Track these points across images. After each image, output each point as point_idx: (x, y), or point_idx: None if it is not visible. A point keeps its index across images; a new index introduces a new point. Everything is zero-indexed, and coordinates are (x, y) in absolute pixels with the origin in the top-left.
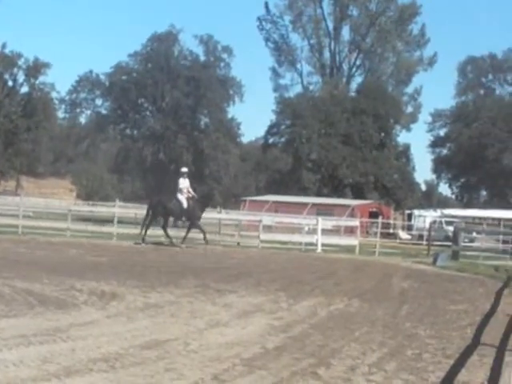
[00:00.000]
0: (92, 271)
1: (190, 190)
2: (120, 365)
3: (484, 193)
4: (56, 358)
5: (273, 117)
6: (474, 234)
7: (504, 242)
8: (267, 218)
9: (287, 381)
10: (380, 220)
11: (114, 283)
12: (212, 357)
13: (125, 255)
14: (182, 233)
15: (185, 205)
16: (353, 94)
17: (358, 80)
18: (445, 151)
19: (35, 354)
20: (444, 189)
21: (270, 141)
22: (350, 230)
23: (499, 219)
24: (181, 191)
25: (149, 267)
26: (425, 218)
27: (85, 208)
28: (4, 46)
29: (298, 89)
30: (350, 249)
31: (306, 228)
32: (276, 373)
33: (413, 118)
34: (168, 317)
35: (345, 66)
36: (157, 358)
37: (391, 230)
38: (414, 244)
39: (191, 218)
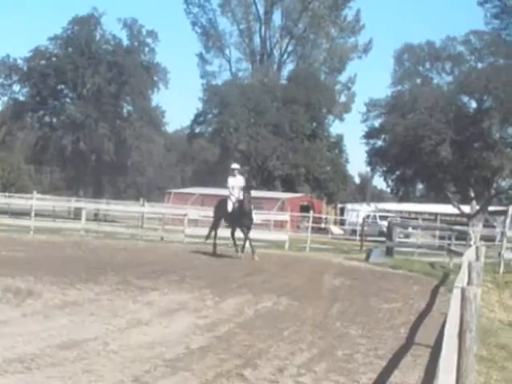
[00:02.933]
0: (7, 267)
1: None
2: (36, 366)
3: (420, 186)
4: None
5: (199, 105)
6: (410, 230)
7: (440, 237)
8: (193, 212)
9: (212, 382)
10: (311, 214)
11: (31, 279)
12: (133, 357)
13: (42, 250)
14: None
15: (247, 207)
16: (284, 81)
17: (289, 67)
18: (380, 143)
19: None
20: (379, 182)
21: (197, 130)
22: (280, 225)
23: (436, 214)
24: (231, 193)
25: (67, 263)
26: (358, 212)
27: (1, 200)
28: None
29: (227, 76)
30: (279, 244)
31: None
32: (200, 374)
33: (346, 107)
34: (87, 315)
35: (276, 53)
36: (75, 358)
37: (323, 225)
38: (346, 239)
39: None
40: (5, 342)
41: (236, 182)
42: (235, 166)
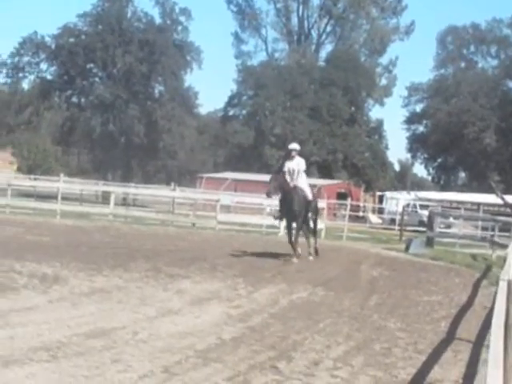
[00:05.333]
0: (33, 252)
1: (302, 177)
2: (62, 354)
3: (463, 175)
4: None
5: (234, 86)
6: (451, 220)
7: (483, 228)
8: (225, 198)
9: (244, 375)
10: (349, 202)
11: (57, 265)
12: (163, 347)
13: (69, 235)
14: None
15: (309, 196)
16: (322, 63)
17: (327, 48)
18: (421, 128)
19: None
20: (419, 169)
21: (231, 113)
22: None
23: (478, 204)
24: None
25: (95, 248)
26: (397, 200)
27: (26, 183)
28: None
29: (262, 56)
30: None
31: (268, 209)
32: (232, 366)
33: (387, 91)
34: (115, 303)
35: (314, 33)
36: (102, 347)
37: (361, 213)
38: (385, 229)
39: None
40: (30, 329)
41: (294, 165)
42: (294, 145)
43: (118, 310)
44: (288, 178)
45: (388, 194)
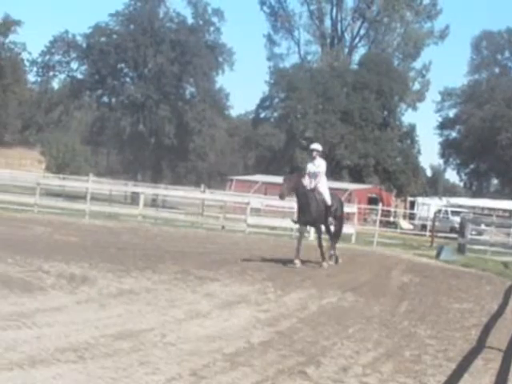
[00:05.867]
0: (61, 252)
1: (322, 179)
2: (90, 356)
3: (495, 181)
4: (20, 346)
5: (266, 89)
6: (483, 227)
7: None
8: (256, 200)
9: (273, 379)
10: (380, 207)
11: (85, 266)
12: (191, 350)
13: (97, 235)
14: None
15: (328, 200)
16: (355, 66)
17: (361, 51)
18: (454, 134)
19: None
20: (451, 175)
21: (262, 115)
22: (347, 217)
23: (510, 211)
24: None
25: (124, 249)
26: (429, 206)
27: (55, 182)
28: None
29: (295, 59)
30: (345, 237)
31: None
32: (261, 370)
33: (420, 96)
34: (144, 305)
35: (347, 36)
36: (130, 349)
37: (392, 219)
38: (416, 235)
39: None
40: (58, 329)
41: (315, 166)
42: (315, 146)
43: (146, 312)
44: (307, 179)
45: (419, 199)
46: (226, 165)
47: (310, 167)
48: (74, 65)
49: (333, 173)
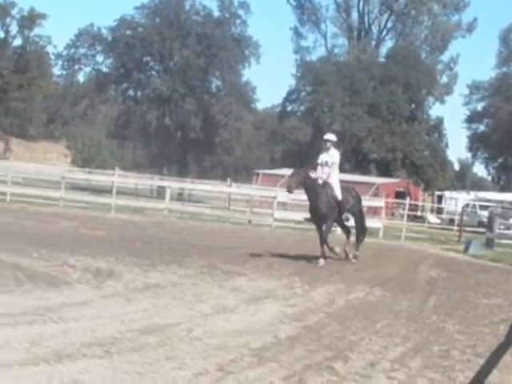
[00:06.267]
0: (87, 246)
1: (335, 171)
2: (116, 350)
3: None
4: (46, 341)
5: (292, 82)
6: (511, 221)
7: None
8: (282, 194)
9: (300, 375)
10: (407, 201)
11: (112, 260)
12: (217, 345)
13: (123, 230)
14: None
15: (339, 196)
16: (382, 59)
17: (388, 44)
18: (482, 127)
19: (23, 336)
20: (479, 169)
21: (288, 108)
22: (374, 211)
23: None
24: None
25: (150, 244)
26: (457, 200)
27: (80, 176)
28: None
29: (322, 52)
30: (372, 232)
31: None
32: (288, 365)
33: (447, 89)
34: (170, 299)
35: (374, 29)
36: (157, 344)
37: (419, 213)
38: (443, 229)
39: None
40: (84, 324)
41: (328, 157)
42: (329, 136)
43: (172, 307)
44: (319, 169)
45: (447, 193)
46: (253, 158)
47: (324, 158)
48: (100, 58)
49: (360, 166)
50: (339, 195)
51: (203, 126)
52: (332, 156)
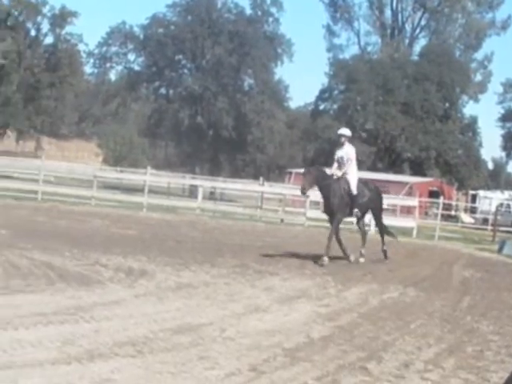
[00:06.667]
0: (119, 245)
1: (351, 167)
2: (148, 350)
3: None
4: (78, 340)
5: (325, 80)
6: None
7: None
8: (315, 193)
9: (333, 375)
10: (441, 200)
11: (143, 259)
12: (250, 345)
13: (155, 229)
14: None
15: (354, 191)
16: (415, 57)
17: (421, 42)
18: None
19: (55, 335)
20: None
21: (321, 107)
22: (407, 211)
23: None
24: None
25: (182, 243)
26: (491, 200)
27: (112, 174)
28: None
29: (355, 50)
30: (406, 231)
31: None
32: (321, 365)
33: (481, 87)
34: (202, 299)
35: (407, 27)
36: (189, 344)
37: (453, 212)
38: (477, 229)
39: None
40: (116, 323)
41: (343, 153)
42: (343, 131)
43: (205, 306)
44: (335, 166)
45: (481, 192)
46: (285, 157)
47: (338, 153)
48: (131, 56)
49: (393, 166)
50: (354, 190)
51: (235, 125)
52: (347, 152)
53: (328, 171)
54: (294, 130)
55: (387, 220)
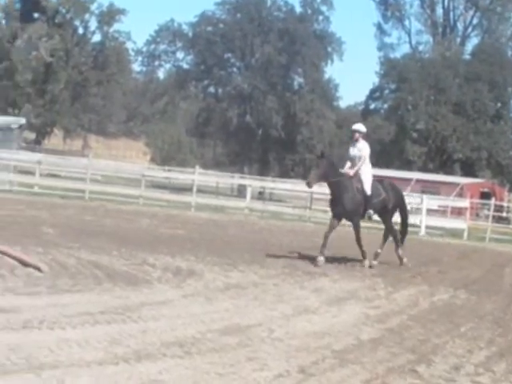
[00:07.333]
0: (167, 245)
1: (365, 165)
2: (196, 350)
3: None
4: (125, 340)
5: (376, 79)
6: None
7: None
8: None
9: (383, 377)
10: (493, 202)
11: (192, 259)
12: (299, 347)
13: (203, 228)
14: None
15: (368, 191)
16: (467, 57)
17: (473, 41)
18: None
19: (102, 335)
20: None
21: (372, 106)
22: (458, 212)
23: None
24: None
25: (231, 243)
26: None
27: (160, 174)
28: None
29: (406, 49)
30: (457, 233)
31: (409, 207)
32: (371, 368)
33: None
34: (251, 300)
35: (459, 25)
36: (237, 345)
37: (505, 214)
38: None
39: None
40: (164, 323)
41: (356, 150)
42: (357, 126)
43: (253, 307)
44: (348, 165)
45: None
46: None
47: (352, 151)
48: (180, 54)
49: (444, 166)
50: (368, 190)
51: (285, 124)
52: (360, 149)
53: (341, 170)
54: (343, 129)
55: (439, 221)
